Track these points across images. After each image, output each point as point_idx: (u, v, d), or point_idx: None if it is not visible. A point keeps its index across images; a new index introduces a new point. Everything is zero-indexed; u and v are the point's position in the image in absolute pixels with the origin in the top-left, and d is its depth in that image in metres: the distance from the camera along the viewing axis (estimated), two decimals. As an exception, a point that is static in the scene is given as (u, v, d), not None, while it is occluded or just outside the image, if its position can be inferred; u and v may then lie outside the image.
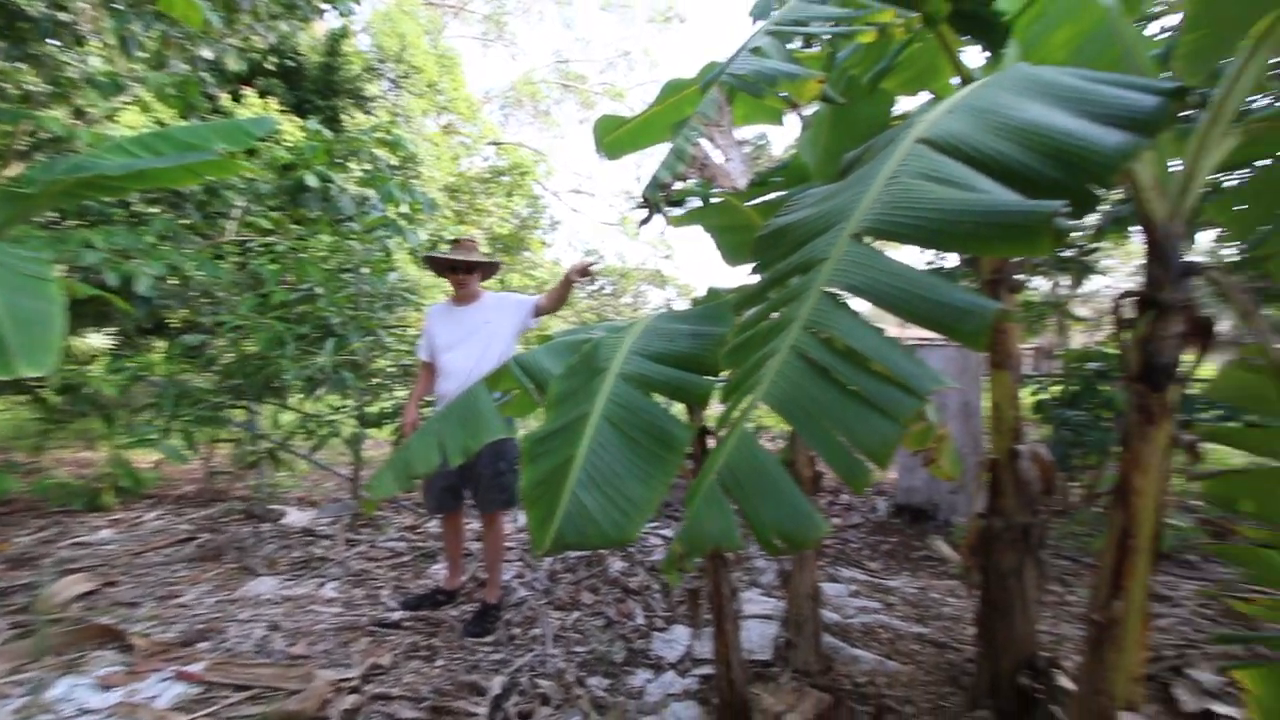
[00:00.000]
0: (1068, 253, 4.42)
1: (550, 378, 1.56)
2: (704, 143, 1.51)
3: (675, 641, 2.88)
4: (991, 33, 2.04)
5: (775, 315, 1.12)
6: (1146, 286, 1.51)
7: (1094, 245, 4.26)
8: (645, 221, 1.51)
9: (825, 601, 3.13)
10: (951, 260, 5.12)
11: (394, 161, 5.57)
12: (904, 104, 2.57)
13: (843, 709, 2.21)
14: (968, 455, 4.26)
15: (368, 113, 10.49)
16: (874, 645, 2.78)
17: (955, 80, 2.19)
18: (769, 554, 0.94)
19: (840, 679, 2.48)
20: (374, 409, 4.87)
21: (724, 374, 1.30)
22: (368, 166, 5.14)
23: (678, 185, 1.52)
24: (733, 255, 2.98)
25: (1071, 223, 0.85)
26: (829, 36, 1.74)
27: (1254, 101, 3.72)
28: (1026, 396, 4.68)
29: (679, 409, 1.70)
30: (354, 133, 5.32)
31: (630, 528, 1.06)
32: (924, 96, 2.57)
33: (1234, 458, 1.97)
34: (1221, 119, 1.43)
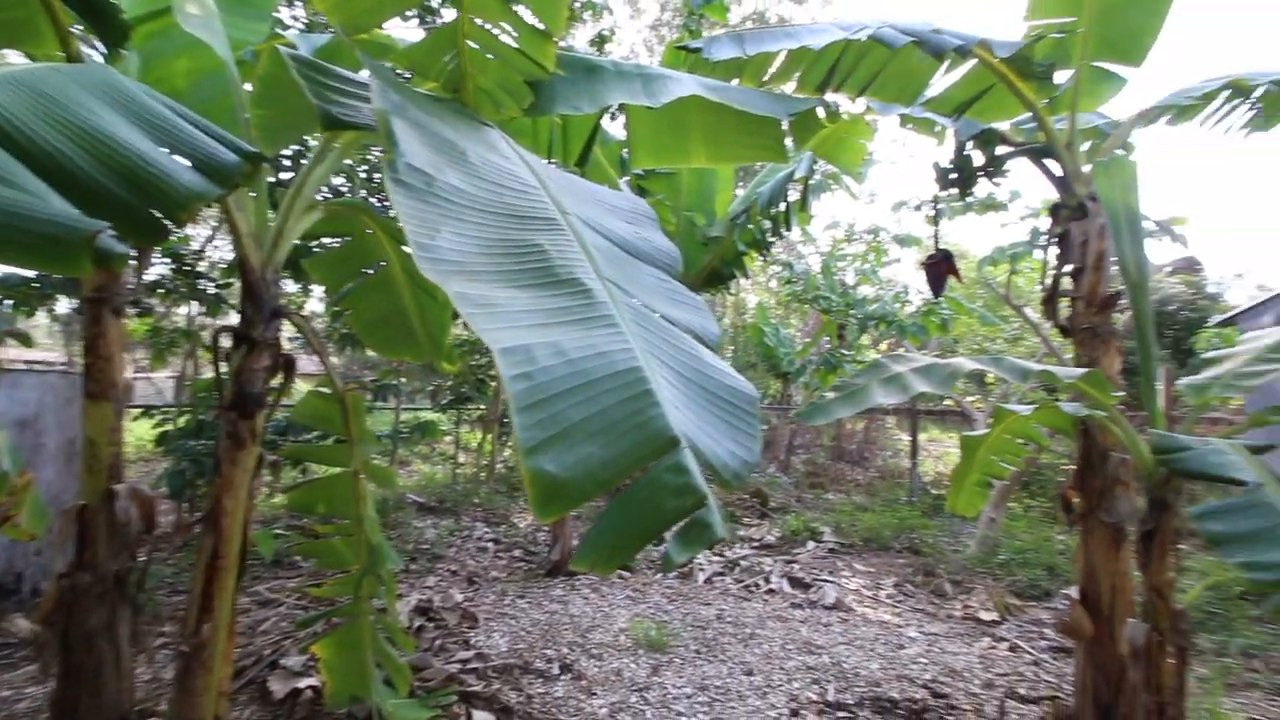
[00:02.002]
0: (205, 284, 4.43)
1: None
2: None
3: None
4: (106, 26, 1.83)
5: None
6: (241, 324, 1.67)
7: (228, 280, 4.44)
8: None
9: None
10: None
11: None
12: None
13: None
14: (72, 502, 3.55)
15: None
16: None
17: (63, 55, 1.85)
18: None
19: None
20: None
21: None
22: None
23: None
24: None
25: (123, 249, 0.82)
26: None
27: (362, 194, 4.78)
28: (149, 428, 4.33)
29: None
30: None
31: None
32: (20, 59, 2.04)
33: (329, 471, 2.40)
34: (303, 194, 1.74)
